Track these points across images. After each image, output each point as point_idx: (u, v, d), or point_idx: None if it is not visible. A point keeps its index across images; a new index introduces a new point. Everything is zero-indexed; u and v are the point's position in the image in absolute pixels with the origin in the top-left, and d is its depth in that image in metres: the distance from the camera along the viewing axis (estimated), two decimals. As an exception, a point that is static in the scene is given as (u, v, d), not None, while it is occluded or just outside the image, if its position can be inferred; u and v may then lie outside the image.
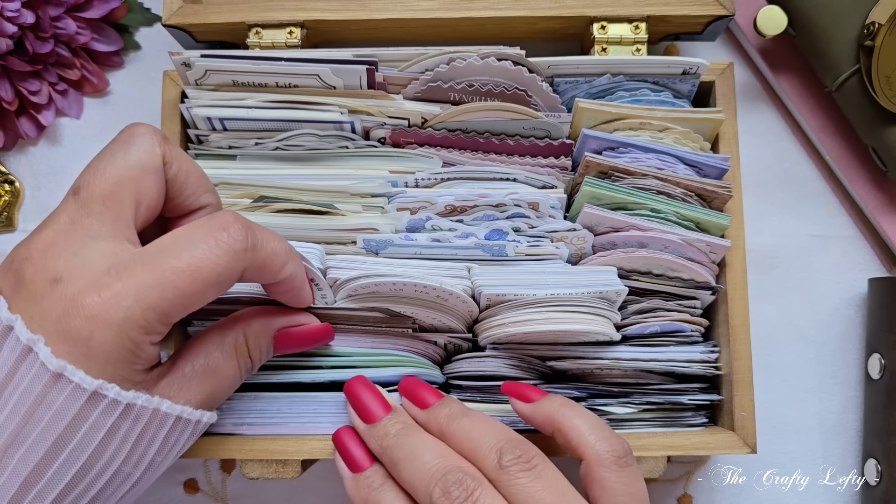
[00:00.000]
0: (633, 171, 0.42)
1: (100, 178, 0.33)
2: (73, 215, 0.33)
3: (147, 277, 0.31)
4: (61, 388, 0.30)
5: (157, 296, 0.31)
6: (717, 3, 0.45)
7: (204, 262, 0.32)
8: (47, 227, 0.33)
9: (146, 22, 0.54)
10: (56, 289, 0.31)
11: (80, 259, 0.32)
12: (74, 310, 0.31)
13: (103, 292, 0.31)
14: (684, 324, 0.42)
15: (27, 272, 0.32)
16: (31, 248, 0.32)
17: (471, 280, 0.40)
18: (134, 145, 0.34)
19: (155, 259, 0.32)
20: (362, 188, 0.42)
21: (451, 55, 0.42)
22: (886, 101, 0.46)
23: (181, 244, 0.32)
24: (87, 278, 0.31)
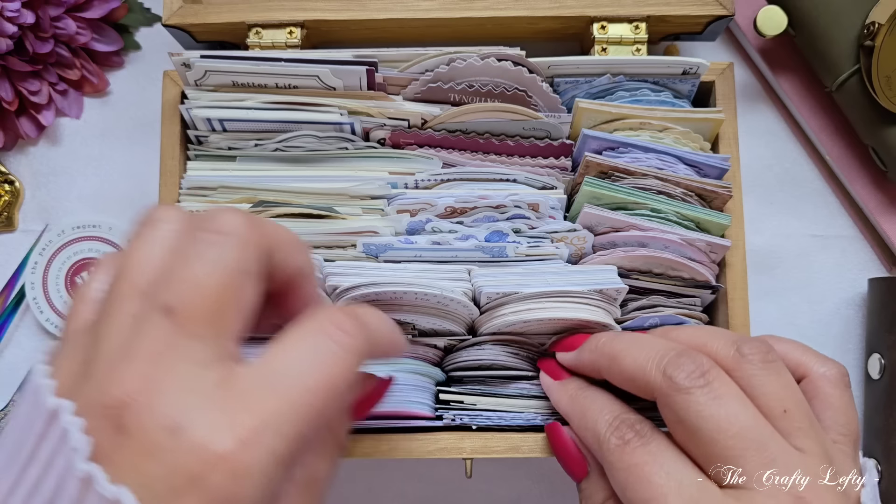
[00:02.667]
0: (634, 171, 0.42)
1: (199, 293, 0.26)
2: (172, 340, 0.26)
3: (282, 404, 0.26)
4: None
5: (298, 422, 0.26)
6: (717, 3, 0.45)
7: (335, 373, 0.27)
8: (136, 357, 0.25)
9: (146, 22, 0.54)
10: (179, 439, 0.24)
11: (196, 396, 0.25)
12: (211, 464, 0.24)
13: (240, 434, 0.24)
14: (684, 317, 0.42)
15: (131, 421, 0.24)
16: (125, 387, 0.25)
17: (471, 282, 0.40)
18: (230, 245, 0.27)
19: (281, 380, 0.26)
20: (362, 190, 0.42)
21: (451, 56, 0.42)
22: (886, 101, 0.46)
23: (303, 358, 0.27)
24: (212, 420, 0.25)
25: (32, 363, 0.29)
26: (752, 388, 0.33)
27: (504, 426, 0.42)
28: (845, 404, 0.36)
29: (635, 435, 0.34)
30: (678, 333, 0.37)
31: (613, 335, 0.38)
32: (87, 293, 0.30)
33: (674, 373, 0.33)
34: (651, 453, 0.33)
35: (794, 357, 0.37)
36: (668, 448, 0.33)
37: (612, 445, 0.34)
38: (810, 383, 0.36)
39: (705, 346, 0.35)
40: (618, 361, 0.36)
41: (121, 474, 0.24)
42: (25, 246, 0.53)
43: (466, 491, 0.52)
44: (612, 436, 0.34)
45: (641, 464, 0.33)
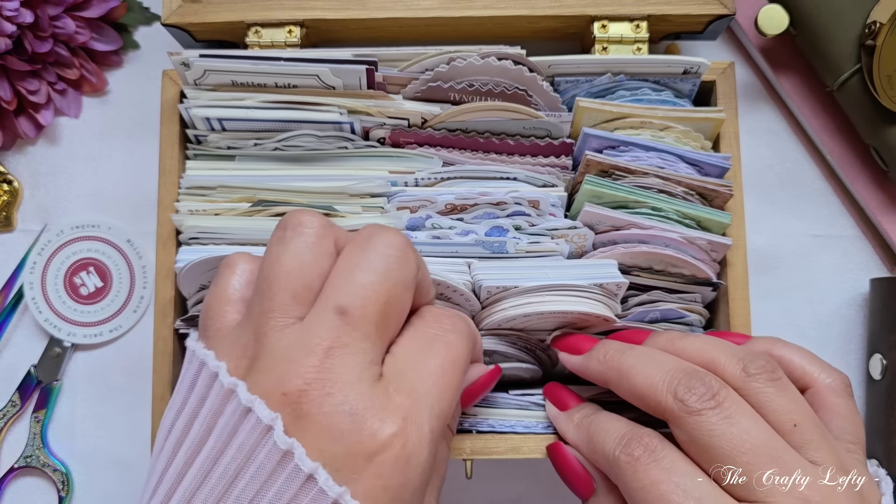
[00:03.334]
0: (634, 170, 0.42)
1: (372, 298, 0.30)
2: (346, 338, 0.29)
3: (426, 386, 0.30)
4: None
5: (441, 399, 0.30)
6: (718, 3, 0.45)
7: (455, 351, 0.32)
8: (313, 351, 0.29)
9: (145, 21, 0.54)
10: (357, 423, 0.28)
11: (365, 386, 0.29)
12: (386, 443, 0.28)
13: (403, 414, 0.29)
14: (685, 311, 0.42)
15: (311, 407, 0.28)
16: (305, 376, 0.28)
17: (471, 275, 0.40)
18: (395, 258, 0.31)
19: (419, 367, 0.30)
20: (362, 188, 0.42)
21: (451, 55, 0.42)
22: (887, 101, 0.46)
23: (427, 344, 0.31)
24: (381, 405, 0.28)
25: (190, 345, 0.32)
26: (761, 405, 0.33)
27: (505, 432, 0.42)
28: (852, 413, 0.36)
29: (645, 450, 0.33)
30: (685, 345, 0.36)
31: (622, 346, 0.37)
32: (226, 294, 0.33)
33: (685, 396, 0.33)
34: (665, 470, 0.32)
35: (798, 365, 0.37)
36: (681, 462, 0.33)
37: (623, 463, 0.33)
38: (816, 394, 0.36)
39: (713, 363, 0.35)
40: (627, 378, 0.35)
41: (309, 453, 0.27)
42: (24, 246, 0.53)
43: (466, 491, 0.52)
44: (622, 454, 0.34)
45: (657, 482, 0.32)
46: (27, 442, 0.52)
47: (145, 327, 0.53)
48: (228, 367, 0.30)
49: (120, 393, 0.53)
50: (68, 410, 0.53)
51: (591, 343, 0.39)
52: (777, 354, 0.37)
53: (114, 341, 0.53)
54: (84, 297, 0.53)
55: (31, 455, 0.52)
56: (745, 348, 0.36)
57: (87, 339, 0.52)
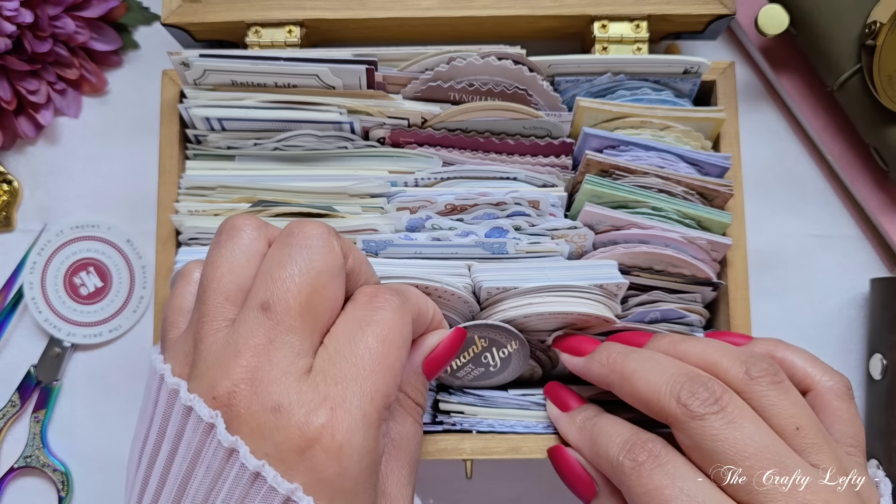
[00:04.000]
0: (634, 170, 0.42)
1: (293, 291, 0.30)
2: (271, 333, 0.29)
3: (355, 370, 0.29)
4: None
5: (375, 380, 0.29)
6: (719, 2, 0.45)
7: (386, 329, 0.31)
8: (240, 352, 0.29)
9: (145, 21, 0.54)
10: (282, 418, 0.28)
11: (292, 379, 0.29)
12: (315, 436, 0.28)
13: (330, 403, 0.28)
14: (685, 311, 0.42)
15: (241, 407, 0.28)
16: (233, 377, 0.28)
17: (471, 277, 0.40)
18: (315, 248, 0.31)
19: (347, 352, 0.30)
20: (361, 188, 0.42)
21: (451, 54, 0.42)
22: (888, 101, 0.46)
23: (356, 327, 0.31)
24: (307, 397, 0.28)
25: (150, 354, 0.33)
26: (764, 409, 0.33)
27: (505, 432, 0.42)
28: (853, 416, 0.36)
29: (649, 455, 0.33)
30: (687, 348, 0.36)
31: (624, 349, 0.37)
32: (179, 304, 0.34)
33: (688, 400, 0.33)
34: (669, 475, 0.32)
35: (801, 367, 0.37)
36: (685, 467, 0.33)
37: (627, 469, 0.33)
38: (817, 396, 0.36)
39: (716, 366, 0.35)
40: (630, 382, 0.35)
41: (253, 451, 0.27)
42: (24, 246, 0.53)
43: (466, 492, 0.52)
44: (625, 459, 0.34)
45: (661, 487, 0.32)
46: (27, 442, 0.52)
47: (145, 327, 0.53)
48: (174, 371, 0.31)
49: (120, 393, 0.53)
50: (68, 410, 0.53)
51: (592, 344, 0.39)
52: (779, 356, 0.38)
53: (113, 341, 0.53)
54: (84, 297, 0.53)
55: (31, 455, 0.52)
56: (747, 351, 0.36)
57: (86, 339, 0.52)
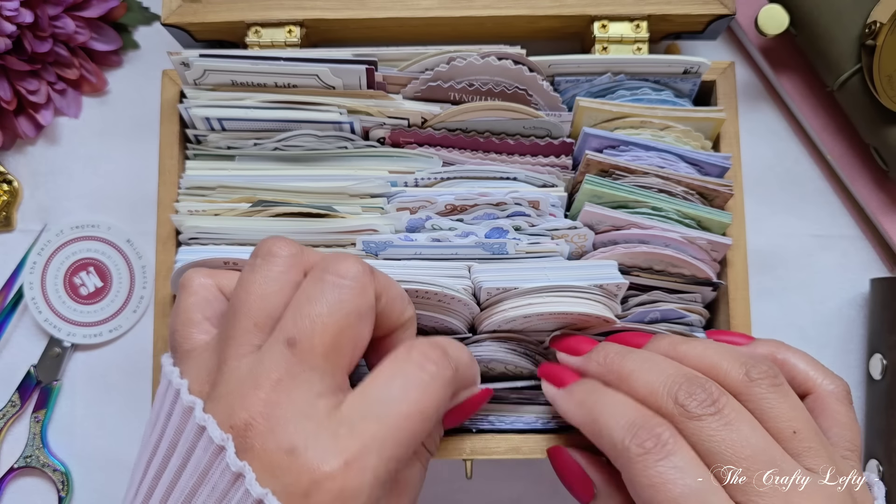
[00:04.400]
0: (634, 170, 0.42)
1: (320, 330, 0.30)
2: (293, 370, 0.29)
3: (381, 429, 0.29)
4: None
5: (396, 445, 0.29)
6: (719, 2, 0.45)
7: (427, 401, 0.30)
8: (261, 384, 0.29)
9: (145, 21, 0.54)
10: (295, 460, 0.28)
11: (310, 422, 0.28)
12: (322, 483, 0.27)
13: (346, 457, 0.28)
14: (685, 311, 0.42)
15: (255, 441, 0.28)
16: (251, 410, 0.28)
17: (471, 279, 0.40)
18: (347, 289, 0.31)
19: (380, 408, 0.29)
20: (361, 188, 0.42)
21: (451, 54, 0.42)
22: (888, 101, 0.46)
23: (399, 386, 0.30)
24: (323, 444, 0.28)
25: (163, 364, 0.33)
26: (762, 412, 0.33)
27: (504, 429, 0.42)
28: (851, 421, 0.36)
29: (657, 443, 0.32)
30: (687, 349, 0.36)
31: (622, 349, 0.37)
32: (189, 317, 0.33)
33: (686, 401, 0.33)
34: (678, 468, 0.31)
35: (802, 370, 0.37)
36: (692, 462, 0.32)
37: (633, 455, 0.32)
38: (817, 399, 0.37)
39: (715, 368, 0.35)
40: (628, 382, 0.35)
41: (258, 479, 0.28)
42: (24, 246, 0.53)
43: (466, 492, 0.52)
44: (631, 444, 0.32)
45: (668, 482, 0.31)
46: (27, 442, 0.52)
47: (145, 327, 0.53)
48: (191, 387, 0.31)
49: (120, 393, 0.52)
50: (68, 410, 0.53)
51: (590, 344, 0.39)
52: (781, 358, 0.38)
53: (113, 341, 0.53)
54: (84, 297, 0.53)
55: (31, 455, 0.52)
56: (748, 352, 0.36)
57: (86, 339, 0.52)
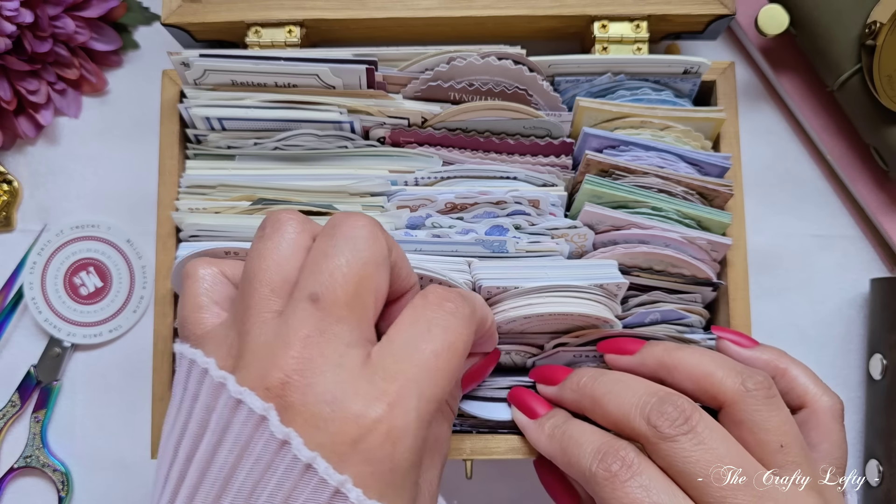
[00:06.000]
0: (634, 170, 0.42)
1: (341, 281, 0.30)
2: (321, 325, 0.29)
3: (415, 370, 0.29)
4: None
5: (433, 384, 0.29)
6: (719, 3, 0.45)
7: (453, 336, 0.31)
8: (291, 343, 0.29)
9: (145, 21, 0.54)
10: (338, 410, 0.28)
11: (346, 371, 0.29)
12: (370, 428, 0.28)
13: (389, 400, 0.28)
14: (685, 311, 0.42)
15: (294, 398, 0.28)
16: (286, 368, 0.28)
17: (471, 274, 0.40)
18: (363, 238, 0.31)
19: (410, 350, 0.30)
20: (361, 187, 0.42)
21: (452, 54, 0.42)
22: (888, 101, 0.46)
23: (423, 327, 0.31)
24: (362, 391, 0.28)
25: (180, 351, 0.33)
26: (754, 423, 0.34)
27: (502, 421, 0.41)
28: (842, 439, 0.37)
29: (622, 465, 0.33)
30: (682, 356, 0.36)
31: (595, 373, 0.38)
32: (197, 302, 0.33)
33: (657, 421, 0.33)
34: (644, 487, 0.32)
35: (801, 383, 0.38)
36: (659, 479, 0.33)
37: (600, 479, 0.33)
38: (812, 414, 0.37)
39: (710, 377, 0.35)
40: (601, 405, 0.36)
41: (305, 442, 0.27)
42: (24, 246, 0.53)
43: (466, 492, 0.52)
44: (598, 468, 0.33)
45: (637, 501, 0.32)
46: (27, 442, 0.52)
47: (145, 327, 0.53)
48: (219, 365, 0.30)
49: (120, 393, 0.52)
50: (68, 410, 0.53)
51: (565, 373, 0.39)
52: (782, 367, 0.38)
53: (113, 341, 0.53)
54: (84, 297, 0.53)
55: (31, 455, 0.52)
56: (747, 359, 0.37)
57: (86, 339, 0.52)
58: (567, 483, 0.39)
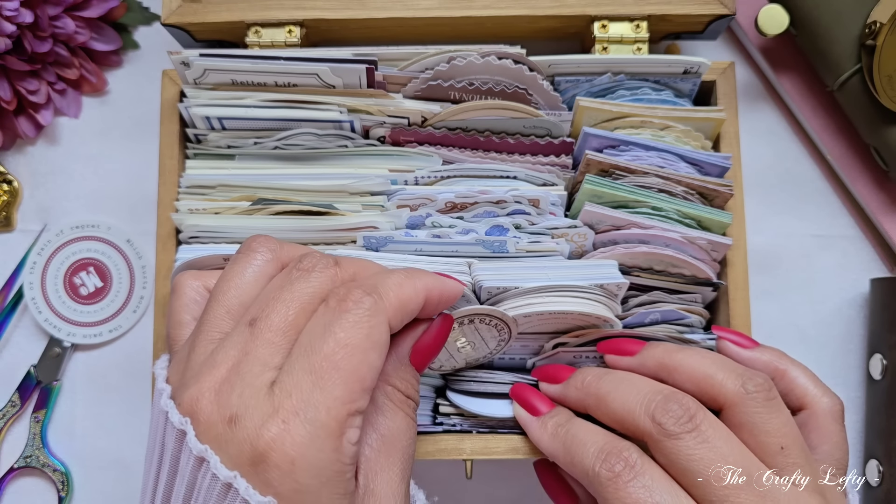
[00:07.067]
0: (635, 170, 0.42)
1: (281, 309, 0.30)
2: (248, 346, 0.30)
3: (311, 378, 0.28)
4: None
5: (331, 388, 0.28)
6: (719, 3, 0.45)
7: (349, 335, 0.29)
8: (220, 363, 0.29)
9: (145, 21, 0.54)
10: (236, 429, 0.28)
11: (252, 390, 0.28)
12: (261, 446, 0.27)
13: (283, 417, 0.28)
14: (685, 311, 0.42)
15: (202, 415, 0.28)
16: (203, 387, 0.29)
17: (471, 275, 0.40)
18: (315, 274, 0.31)
19: (305, 356, 0.29)
20: (362, 186, 0.42)
21: (451, 54, 0.42)
22: (888, 101, 0.46)
23: (319, 333, 0.30)
24: (262, 408, 0.28)
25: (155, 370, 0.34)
26: (754, 425, 0.34)
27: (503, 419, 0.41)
28: (842, 440, 0.37)
29: (625, 466, 0.33)
30: (683, 358, 0.36)
31: (599, 372, 0.38)
32: (178, 319, 0.35)
33: (662, 418, 0.33)
34: (646, 487, 0.32)
35: (801, 384, 0.38)
36: (662, 479, 0.33)
37: (603, 479, 0.33)
38: (812, 416, 0.37)
39: (711, 379, 0.35)
40: (605, 403, 0.36)
41: (223, 461, 0.28)
42: (24, 246, 0.53)
43: (466, 491, 0.52)
44: (601, 469, 0.33)
45: (640, 501, 0.32)
46: (27, 442, 0.52)
47: (145, 327, 0.53)
48: (167, 378, 0.32)
49: (120, 393, 0.52)
50: (68, 410, 0.53)
51: (569, 372, 0.39)
52: (781, 368, 0.38)
53: (113, 341, 0.53)
54: (84, 297, 0.53)
55: (31, 455, 0.52)
56: (747, 359, 0.37)
57: (86, 339, 0.52)
58: (566, 484, 0.39)
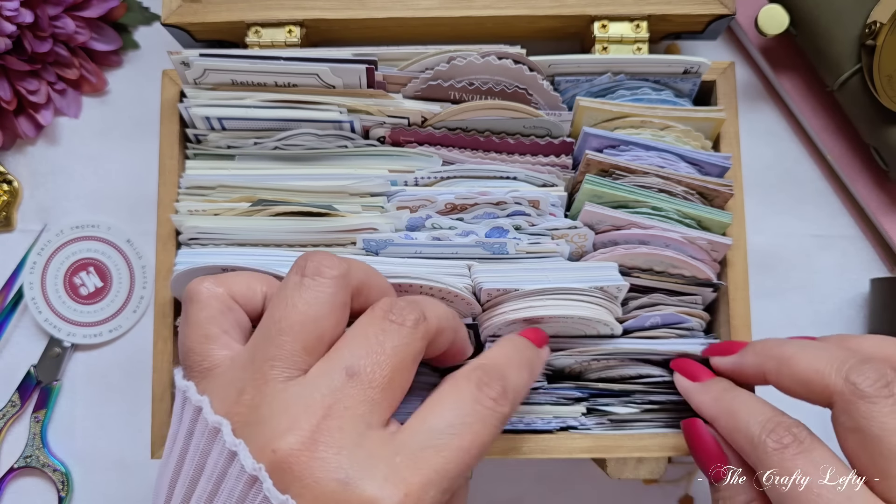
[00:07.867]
0: (635, 170, 0.42)
1: (382, 364, 0.29)
2: (348, 400, 0.28)
3: (441, 462, 0.28)
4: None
5: (455, 476, 0.28)
6: (719, 3, 0.45)
7: (484, 433, 0.29)
8: (312, 409, 0.28)
9: (145, 21, 0.54)
10: (350, 492, 0.27)
11: (363, 451, 0.27)
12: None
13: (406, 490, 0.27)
14: (686, 315, 0.42)
15: (304, 471, 0.27)
16: (299, 435, 0.27)
17: (471, 278, 0.40)
18: (407, 332, 0.31)
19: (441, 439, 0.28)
20: (361, 187, 0.42)
21: (451, 54, 0.42)
22: (888, 101, 0.46)
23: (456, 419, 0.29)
24: (381, 473, 0.27)
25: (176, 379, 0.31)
26: None
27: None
28: None
29: (794, 440, 0.32)
30: (860, 342, 0.35)
31: (779, 340, 0.36)
32: (204, 333, 0.31)
33: (857, 379, 0.31)
34: (814, 463, 0.31)
35: None
36: (832, 459, 0.31)
37: (770, 449, 0.32)
38: None
39: (892, 358, 0.34)
40: (790, 364, 0.34)
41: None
42: (24, 246, 0.53)
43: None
44: (769, 438, 0.32)
45: (806, 473, 0.31)
46: (27, 442, 0.52)
47: (145, 327, 0.53)
48: (217, 407, 0.29)
49: (120, 393, 0.52)
50: (68, 410, 0.53)
51: (741, 345, 0.38)
52: None
53: (113, 341, 0.53)
54: (84, 297, 0.53)
55: (31, 455, 0.52)
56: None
57: (86, 339, 0.52)
58: (718, 444, 0.37)
